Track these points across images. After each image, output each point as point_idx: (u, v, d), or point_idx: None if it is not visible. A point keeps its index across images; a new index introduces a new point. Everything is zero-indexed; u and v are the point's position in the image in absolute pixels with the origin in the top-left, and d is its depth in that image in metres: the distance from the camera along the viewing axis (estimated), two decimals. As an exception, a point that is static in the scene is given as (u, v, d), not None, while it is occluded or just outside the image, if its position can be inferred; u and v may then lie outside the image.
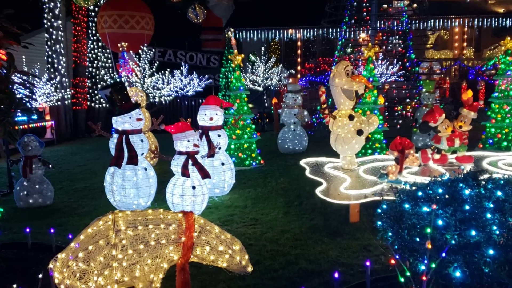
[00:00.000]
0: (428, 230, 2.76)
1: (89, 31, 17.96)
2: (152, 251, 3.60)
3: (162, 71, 15.19)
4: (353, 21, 17.18)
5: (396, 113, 15.75)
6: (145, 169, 6.56)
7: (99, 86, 17.66)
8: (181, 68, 15.95)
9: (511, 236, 2.70)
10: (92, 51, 18.06)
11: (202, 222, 3.78)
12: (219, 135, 7.40)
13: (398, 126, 14.13)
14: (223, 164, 7.39)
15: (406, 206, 3.10)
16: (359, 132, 6.99)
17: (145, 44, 16.05)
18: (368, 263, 3.75)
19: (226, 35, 19.73)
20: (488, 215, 2.76)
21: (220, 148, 7.26)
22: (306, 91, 19.15)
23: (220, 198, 7.45)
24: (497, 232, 2.70)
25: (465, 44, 26.36)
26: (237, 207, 7.00)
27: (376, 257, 4.79)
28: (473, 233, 2.69)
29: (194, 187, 6.17)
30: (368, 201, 5.77)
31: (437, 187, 3.15)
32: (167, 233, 3.64)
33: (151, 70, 14.92)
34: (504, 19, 25.68)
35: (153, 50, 20.58)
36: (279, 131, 12.16)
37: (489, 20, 25.68)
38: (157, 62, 15.43)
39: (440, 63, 21.66)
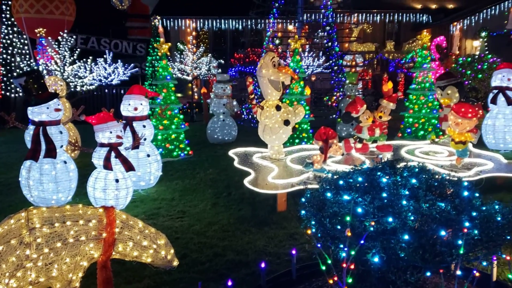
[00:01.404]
0: (348, 218, 2.83)
1: (2, 15, 16.67)
2: (71, 249, 3.42)
3: (84, 59, 14.45)
4: (280, 12, 17.34)
5: (322, 104, 16.16)
6: (65, 162, 6.22)
7: (14, 74, 16.49)
8: (105, 56, 15.28)
9: (424, 222, 2.84)
10: (6, 37, 16.80)
11: (124, 217, 3.64)
12: (144, 126, 7.17)
13: (324, 117, 14.49)
14: (148, 155, 7.18)
15: (328, 194, 3.16)
16: (286, 122, 7.08)
17: (66, 31, 15.19)
18: (293, 252, 3.80)
19: (153, 23, 19.18)
20: (404, 202, 2.89)
21: (145, 139, 7.06)
22: (236, 81, 19.16)
23: (146, 191, 7.26)
24: (412, 218, 2.82)
25: (386, 37, 27.68)
26: (164, 199, 6.85)
27: (302, 245, 4.87)
28: (390, 219, 2.79)
29: (117, 181, 5.93)
30: (295, 190, 5.87)
31: (357, 176, 3.25)
32: (87, 230, 3.47)
33: (72, 58, 14.14)
34: (421, 15, 27.27)
35: (75, 37, 19.55)
36: (208, 121, 12.06)
37: (407, 15, 27.17)
38: (78, 49, 14.64)
39: (363, 55, 22.53)
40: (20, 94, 16.46)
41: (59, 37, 14.11)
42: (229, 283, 3.31)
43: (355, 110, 7.11)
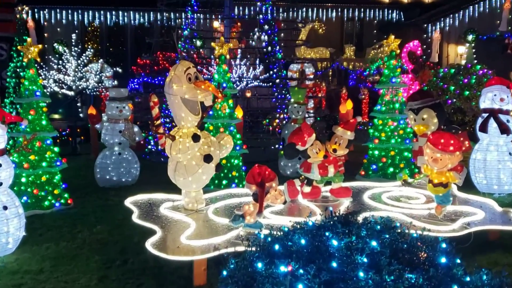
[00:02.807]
0: (285, 300, 2.82)
1: None
2: None
3: None
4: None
5: (260, 130, 16.33)
6: None
7: None
8: None
9: (390, 301, 2.88)
10: None
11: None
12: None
13: (263, 148, 14.66)
14: (5, 208, 6.88)
15: (259, 265, 3.14)
16: (207, 158, 7.05)
17: None
18: None
19: (19, 15, 18.68)
20: (361, 274, 2.92)
21: (0, 184, 6.77)
22: (139, 97, 18.96)
23: (1, 260, 6.92)
24: (373, 295, 2.85)
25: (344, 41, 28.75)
26: (28, 272, 6.57)
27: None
28: (342, 299, 2.81)
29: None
30: (220, 254, 5.73)
31: (299, 237, 3.27)
32: None
33: None
34: (390, 11, 28.46)
35: None
36: (98, 155, 11.80)
37: (372, 11, 28.32)
38: None
39: (314, 65, 23.11)
40: None
41: None
42: None
43: (301, 141, 7.18)
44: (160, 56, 22.66)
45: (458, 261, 3.22)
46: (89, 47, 19.95)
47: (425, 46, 20.49)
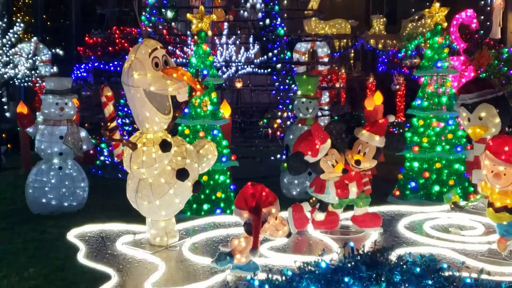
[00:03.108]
0: None
1: None
2: None
3: None
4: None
5: (255, 134, 16.40)
6: None
7: None
8: None
9: None
10: None
11: None
12: None
13: (259, 160, 14.59)
14: None
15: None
16: (182, 174, 7.05)
17: None
18: None
19: None
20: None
21: None
22: (88, 90, 19.00)
23: None
24: None
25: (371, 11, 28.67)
26: None
27: None
28: None
29: None
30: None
31: (308, 284, 3.25)
32: None
33: None
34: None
35: None
36: (30, 170, 11.72)
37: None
38: None
39: (330, 43, 22.92)
40: None
41: None
42: None
43: (311, 150, 7.21)
44: (117, 33, 22.55)
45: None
46: (19, 20, 19.91)
47: (482, 18, 20.39)
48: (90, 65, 20.02)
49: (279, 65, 16.31)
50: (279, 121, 16.10)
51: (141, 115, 7.05)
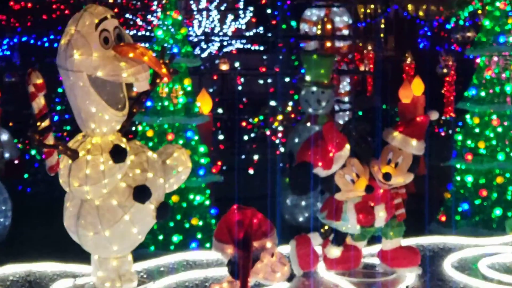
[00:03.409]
0: None
1: None
2: None
3: None
4: None
5: (246, 136, 15.37)
6: None
7: None
8: None
9: None
10: None
11: None
12: None
13: (251, 170, 13.59)
14: None
15: None
16: (141, 193, 6.12)
17: None
18: None
19: None
20: None
21: None
22: (12, 75, 18.30)
23: None
24: None
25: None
26: None
27: None
28: None
29: None
30: None
31: None
32: None
33: None
34: None
35: None
36: None
37: None
38: None
39: (352, 9, 21.82)
40: None
41: None
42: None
43: (322, 159, 6.58)
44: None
45: None
46: None
47: None
48: (16, 39, 19.23)
49: (279, 40, 15.15)
50: (279, 118, 15.10)
51: (84, 111, 6.13)
